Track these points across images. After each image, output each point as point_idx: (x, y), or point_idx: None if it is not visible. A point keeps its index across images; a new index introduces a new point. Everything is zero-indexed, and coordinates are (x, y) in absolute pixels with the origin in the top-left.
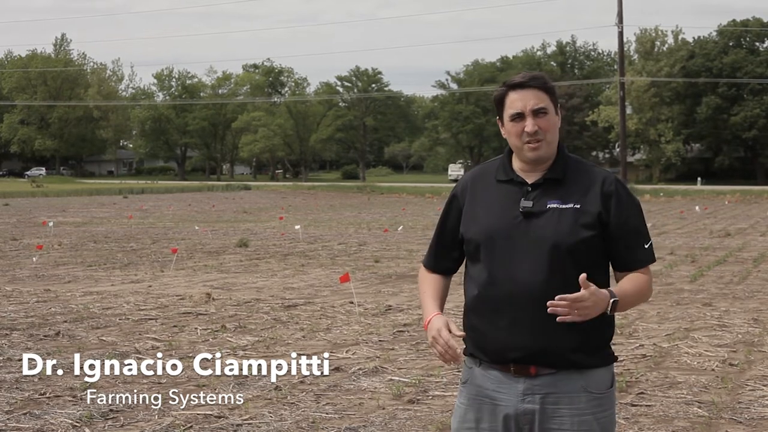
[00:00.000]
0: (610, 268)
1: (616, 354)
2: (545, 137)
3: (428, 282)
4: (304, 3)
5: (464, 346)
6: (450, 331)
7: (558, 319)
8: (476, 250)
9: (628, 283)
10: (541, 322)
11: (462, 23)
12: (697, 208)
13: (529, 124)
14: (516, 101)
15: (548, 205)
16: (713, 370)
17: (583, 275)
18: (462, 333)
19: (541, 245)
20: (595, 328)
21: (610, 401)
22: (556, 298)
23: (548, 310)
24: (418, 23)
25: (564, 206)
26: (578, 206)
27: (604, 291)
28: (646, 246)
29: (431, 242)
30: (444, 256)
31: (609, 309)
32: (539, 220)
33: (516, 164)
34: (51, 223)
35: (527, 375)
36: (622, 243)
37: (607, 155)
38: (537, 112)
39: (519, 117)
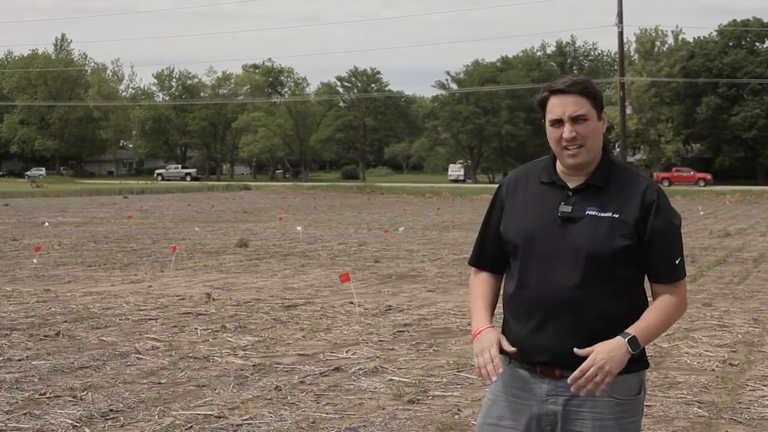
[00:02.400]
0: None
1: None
2: (585, 144)
3: (477, 285)
4: (306, 3)
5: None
6: (499, 350)
7: (583, 393)
8: (515, 249)
9: (651, 312)
10: (569, 328)
11: (462, 23)
12: (699, 208)
13: (567, 131)
14: (556, 106)
15: (587, 212)
16: (713, 370)
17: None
18: (513, 349)
19: (576, 252)
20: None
21: (636, 408)
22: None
23: (579, 392)
24: (418, 23)
25: (603, 214)
26: (617, 215)
27: (613, 341)
28: (677, 261)
29: (476, 239)
30: (487, 253)
31: (631, 350)
32: (576, 225)
33: (559, 167)
34: (47, 223)
35: (552, 376)
36: (654, 254)
37: None
38: (576, 119)
39: (558, 123)
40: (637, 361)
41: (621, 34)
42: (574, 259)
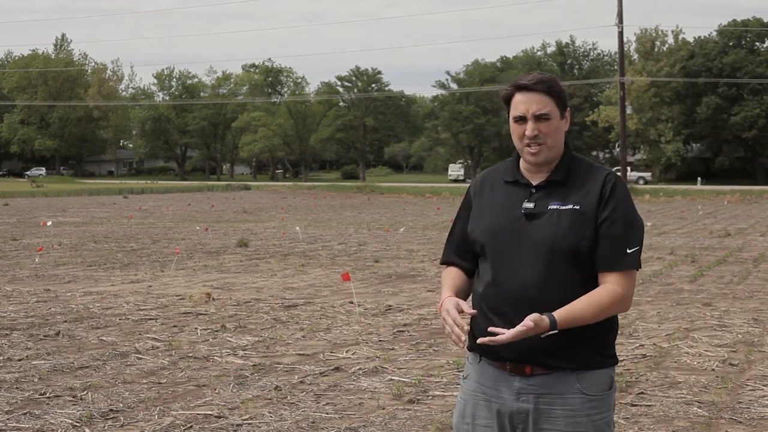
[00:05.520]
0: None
1: (617, 355)
2: (546, 142)
3: (446, 275)
4: (307, 3)
5: (468, 334)
6: (461, 311)
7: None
8: (482, 249)
9: (583, 301)
10: None
11: (462, 23)
12: (699, 208)
13: (530, 128)
14: (520, 103)
15: (549, 207)
16: (713, 370)
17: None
18: (473, 311)
19: (539, 247)
20: (592, 332)
21: (607, 404)
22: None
23: (486, 340)
24: (418, 23)
25: (564, 207)
26: (577, 207)
27: (544, 323)
28: (629, 251)
29: (446, 238)
30: (454, 252)
31: (549, 331)
32: (539, 221)
33: (522, 165)
34: (50, 222)
35: (522, 374)
36: (602, 238)
37: (607, 155)
38: (539, 117)
39: (522, 120)
40: (607, 357)
41: (621, 34)
42: (538, 255)
